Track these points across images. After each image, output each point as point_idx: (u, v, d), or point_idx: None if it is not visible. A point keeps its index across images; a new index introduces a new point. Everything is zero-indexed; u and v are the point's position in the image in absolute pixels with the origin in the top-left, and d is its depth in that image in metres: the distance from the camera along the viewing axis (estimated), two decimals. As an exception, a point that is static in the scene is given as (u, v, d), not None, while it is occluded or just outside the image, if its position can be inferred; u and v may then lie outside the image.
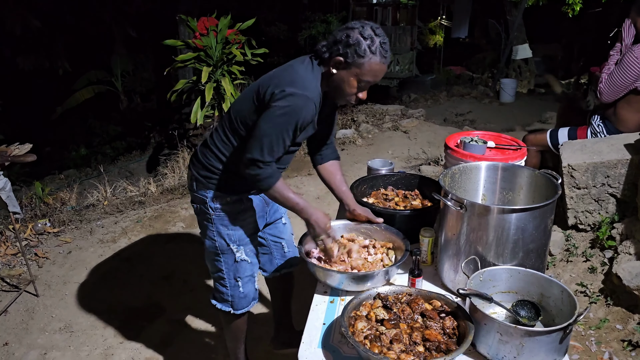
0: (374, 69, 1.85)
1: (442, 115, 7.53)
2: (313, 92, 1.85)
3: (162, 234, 4.01)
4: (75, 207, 4.52)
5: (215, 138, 2.08)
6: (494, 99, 8.61)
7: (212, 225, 2.11)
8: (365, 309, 1.80)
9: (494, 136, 2.61)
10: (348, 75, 1.87)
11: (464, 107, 7.96)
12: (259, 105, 1.90)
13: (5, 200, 2.90)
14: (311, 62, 1.92)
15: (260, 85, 1.92)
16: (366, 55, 1.81)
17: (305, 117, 1.84)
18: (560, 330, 1.56)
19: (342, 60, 1.84)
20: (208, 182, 2.06)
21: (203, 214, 2.12)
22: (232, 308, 2.25)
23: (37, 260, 3.69)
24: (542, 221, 1.84)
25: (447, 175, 2.11)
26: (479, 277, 1.83)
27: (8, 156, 2.84)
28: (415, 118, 6.68)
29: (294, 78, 1.85)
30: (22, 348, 2.90)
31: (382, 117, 6.84)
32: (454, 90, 9.10)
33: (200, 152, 2.12)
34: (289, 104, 1.79)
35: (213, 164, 2.05)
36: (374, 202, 2.45)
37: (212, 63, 5.74)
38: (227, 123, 2.05)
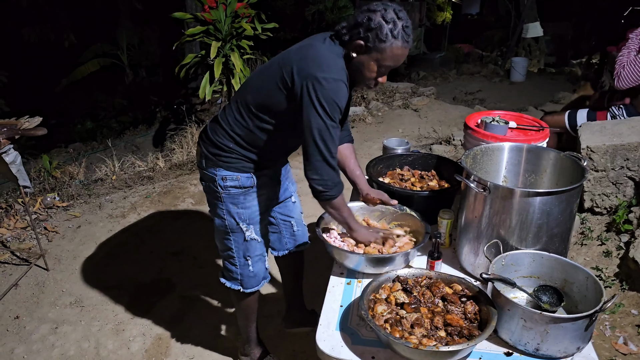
0: (396, 53, 1.78)
1: (451, 93, 7.44)
2: (340, 74, 1.79)
3: (171, 210, 3.98)
4: (84, 182, 4.48)
5: (228, 115, 2.02)
6: (505, 78, 8.49)
7: (221, 204, 2.08)
8: (384, 292, 1.77)
9: (515, 116, 2.55)
10: (368, 60, 1.80)
11: (474, 86, 7.85)
12: (288, 94, 1.83)
13: (16, 174, 2.86)
14: (332, 41, 1.85)
15: (282, 68, 1.84)
16: (388, 39, 1.74)
17: (343, 99, 1.79)
18: (587, 317, 1.53)
19: (362, 44, 1.77)
20: (218, 160, 2.01)
21: (212, 192, 2.08)
22: (241, 287, 2.24)
23: (47, 234, 3.68)
24: (567, 205, 1.80)
25: (469, 156, 2.05)
26: (501, 262, 1.79)
27: (18, 129, 2.79)
28: (425, 96, 6.59)
29: (319, 61, 1.78)
30: (33, 322, 2.90)
31: (392, 94, 6.75)
32: (464, 69, 8.97)
33: (210, 128, 2.06)
34: (327, 91, 1.73)
35: (224, 142, 2.00)
36: (389, 182, 2.41)
37: (221, 37, 5.64)
38: (242, 102, 1.98)
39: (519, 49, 9.93)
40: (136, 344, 2.71)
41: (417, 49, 11.30)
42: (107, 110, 10.27)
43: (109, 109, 10.29)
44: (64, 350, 2.69)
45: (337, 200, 1.90)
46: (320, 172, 1.82)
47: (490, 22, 12.54)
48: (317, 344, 1.67)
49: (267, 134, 1.97)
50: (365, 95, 6.61)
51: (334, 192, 1.87)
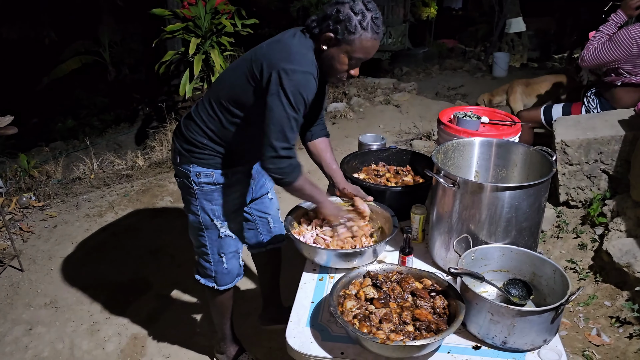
0: (365, 45, 1.77)
1: (434, 89, 7.46)
2: (310, 66, 1.79)
3: (150, 208, 3.95)
4: (62, 181, 4.43)
5: (200, 111, 2.00)
6: (487, 73, 8.54)
7: (195, 200, 2.07)
8: (354, 287, 1.77)
9: (488, 111, 2.56)
10: (338, 52, 1.80)
11: (457, 81, 7.88)
12: (256, 86, 1.83)
13: (-14, 174, 2.82)
14: (303, 35, 1.85)
15: (252, 62, 1.84)
16: (357, 31, 1.74)
17: (310, 92, 1.79)
18: (552, 310, 1.54)
19: (332, 36, 1.77)
20: (191, 157, 2.00)
21: (186, 188, 2.07)
22: (215, 284, 2.23)
23: (22, 234, 3.63)
24: (536, 199, 1.80)
25: (440, 151, 2.06)
26: (470, 256, 1.80)
27: (-12, 129, 2.76)
28: (407, 92, 6.60)
29: (289, 54, 1.78)
30: (6, 323, 2.86)
31: (374, 90, 6.75)
32: (446, 64, 9.01)
33: (184, 124, 2.05)
34: (293, 82, 1.73)
35: (197, 138, 1.99)
36: (364, 177, 2.41)
37: (201, 34, 5.60)
38: (214, 97, 1.97)
39: (502, 44, 9.99)
40: (112, 344, 2.69)
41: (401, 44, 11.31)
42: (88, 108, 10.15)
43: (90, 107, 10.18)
44: (37, 351, 2.66)
45: (298, 183, 1.89)
46: (275, 162, 1.81)
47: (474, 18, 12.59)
48: (286, 340, 1.66)
49: (239, 129, 1.96)
50: (346, 91, 6.61)
51: (291, 177, 1.86)
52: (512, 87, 4.69)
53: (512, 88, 4.67)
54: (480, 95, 5.14)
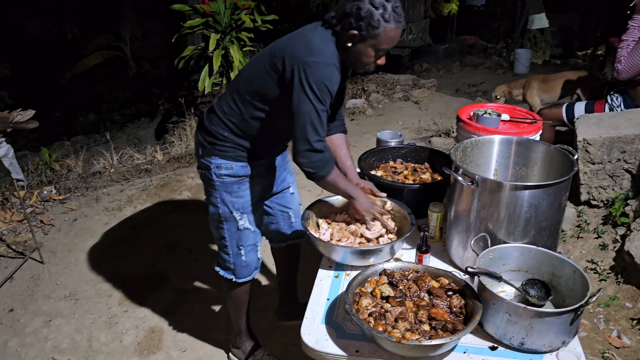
0: (390, 36, 1.78)
1: (454, 85, 7.38)
2: (332, 58, 1.79)
3: (168, 203, 3.98)
4: (82, 174, 4.49)
5: (222, 104, 2.03)
6: (508, 70, 8.42)
7: (215, 192, 2.08)
8: (370, 285, 1.76)
9: (509, 109, 2.52)
10: (365, 47, 1.81)
11: (477, 78, 7.79)
12: (279, 79, 1.84)
13: (8, 167, 2.87)
14: (323, 29, 1.85)
15: (273, 55, 1.85)
16: (380, 25, 1.74)
17: (334, 83, 1.79)
18: (571, 311, 1.51)
19: (356, 33, 1.77)
20: (213, 149, 2.02)
21: (207, 180, 2.09)
22: (234, 276, 2.24)
23: (43, 227, 3.68)
24: (556, 198, 1.77)
25: (459, 149, 2.04)
26: (488, 255, 1.78)
27: (10, 122, 2.79)
28: (426, 88, 6.54)
29: (311, 47, 1.78)
30: (27, 315, 2.91)
31: (393, 87, 6.71)
32: (467, 60, 8.90)
33: (206, 117, 2.08)
34: (317, 75, 1.74)
35: (218, 130, 2.01)
36: (382, 175, 2.39)
37: (221, 29, 5.62)
38: (235, 90, 1.99)
39: (524, 41, 9.84)
40: (129, 337, 2.71)
41: (422, 40, 11.23)
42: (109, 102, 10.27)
43: (111, 102, 10.30)
44: (56, 342, 2.70)
45: (330, 177, 1.90)
46: (307, 156, 1.82)
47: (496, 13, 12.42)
48: (301, 337, 1.66)
49: (260, 122, 1.97)
50: (365, 87, 6.58)
51: (324, 171, 1.87)
52: (529, 82, 4.62)
53: (529, 83, 4.60)
54: (497, 87, 5.04)
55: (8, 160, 2.84)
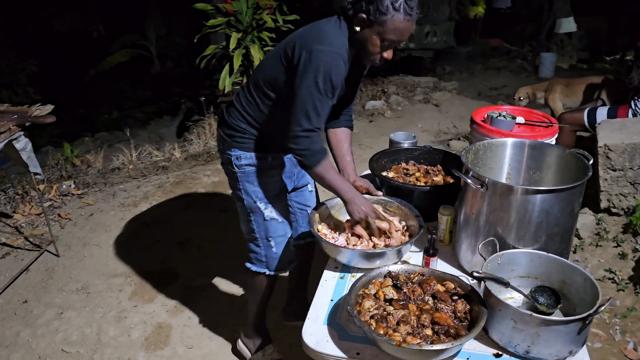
0: (398, 27, 1.75)
1: (476, 88, 7.29)
2: (340, 48, 1.78)
3: (182, 200, 4.01)
4: (101, 170, 4.54)
5: (241, 97, 2.06)
6: (532, 74, 8.28)
7: (239, 184, 2.10)
8: (374, 287, 1.74)
9: (525, 112, 2.46)
10: (371, 34, 1.79)
11: (500, 81, 7.68)
12: (287, 65, 1.85)
13: (26, 161, 2.90)
14: (338, 21, 1.86)
15: (287, 44, 1.88)
16: (389, 12, 1.72)
17: (338, 73, 1.78)
18: (580, 320, 1.47)
19: (364, 17, 1.76)
20: (232, 141, 2.05)
21: (231, 173, 2.11)
22: (267, 269, 2.23)
23: (60, 221, 3.74)
24: (569, 204, 1.72)
25: (471, 151, 2.00)
26: (496, 260, 1.74)
27: (28, 117, 2.83)
28: (447, 91, 6.47)
29: (321, 36, 1.80)
30: (40, 306, 2.95)
31: (414, 89, 6.65)
32: (490, 63, 8.79)
33: (226, 112, 2.11)
34: (320, 62, 1.74)
35: (237, 122, 2.04)
36: (393, 176, 2.37)
37: (242, 29, 5.64)
38: (252, 82, 2.02)
39: (550, 44, 9.68)
40: (137, 332, 2.73)
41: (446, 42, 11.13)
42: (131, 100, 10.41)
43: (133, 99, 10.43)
44: (66, 335, 2.73)
45: (318, 169, 1.87)
46: (298, 142, 1.81)
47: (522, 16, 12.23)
48: (302, 337, 1.64)
49: (273, 111, 1.98)
50: (385, 89, 6.54)
51: (311, 160, 1.85)
52: (552, 86, 4.52)
53: (552, 87, 4.50)
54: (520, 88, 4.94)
55: (26, 154, 2.88)
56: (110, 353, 2.60)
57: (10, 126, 2.73)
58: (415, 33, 11.27)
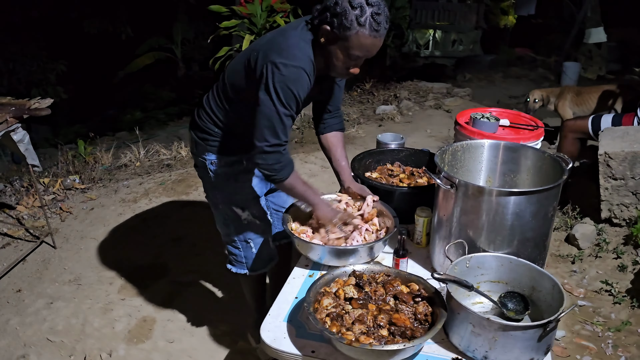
0: (363, 43, 1.67)
1: (495, 96, 7.18)
2: (303, 61, 1.71)
3: (182, 198, 4.03)
4: (108, 167, 4.62)
5: (211, 100, 2.02)
6: (554, 83, 8.11)
7: (214, 188, 2.09)
8: (336, 285, 1.71)
9: (512, 114, 2.40)
10: (335, 48, 1.72)
11: (520, 90, 7.54)
12: (249, 72, 1.80)
13: (24, 153, 2.97)
14: (305, 27, 1.78)
15: (251, 53, 1.82)
16: (353, 27, 1.64)
17: (301, 87, 1.72)
18: (539, 327, 1.42)
19: (328, 29, 1.69)
20: (206, 145, 2.01)
21: (205, 177, 2.09)
22: (247, 270, 2.23)
23: (61, 214, 3.80)
24: (541, 208, 1.67)
25: (447, 152, 1.95)
26: (465, 263, 1.69)
27: (26, 109, 2.90)
28: (459, 97, 6.38)
29: (283, 47, 1.72)
30: (32, 296, 3.00)
31: (426, 94, 6.58)
32: (511, 72, 8.65)
33: (197, 114, 2.07)
34: (282, 77, 1.68)
35: (209, 126, 2.00)
36: (377, 177, 2.33)
37: (256, 31, 5.67)
38: (220, 85, 1.99)
39: (578, 54, 9.47)
40: (121, 324, 2.75)
41: (471, 51, 11.02)
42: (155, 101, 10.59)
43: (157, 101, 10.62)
44: (53, 324, 2.77)
45: (288, 181, 1.84)
46: (264, 157, 1.77)
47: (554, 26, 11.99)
48: (260, 333, 1.63)
49: (241, 117, 1.95)
50: (397, 94, 6.49)
51: (281, 174, 1.81)
52: (562, 93, 4.40)
53: (562, 94, 4.38)
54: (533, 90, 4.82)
55: (24, 146, 2.94)
56: (92, 344, 2.63)
57: (7, 117, 2.79)
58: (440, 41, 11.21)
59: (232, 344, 2.62)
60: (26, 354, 2.58)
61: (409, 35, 10.71)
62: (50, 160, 5.15)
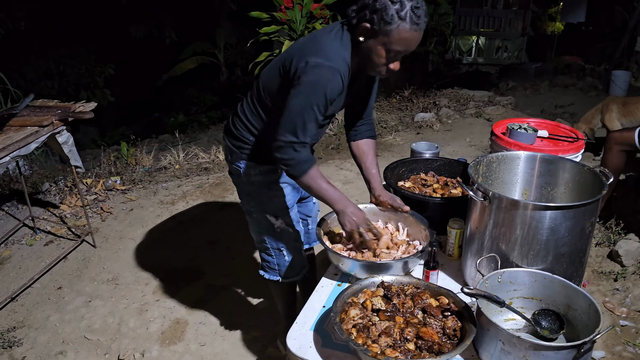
0: (404, 37, 1.66)
1: (540, 105, 6.98)
2: (338, 62, 1.71)
3: (218, 201, 4.09)
4: (149, 169, 4.72)
5: (245, 107, 2.02)
6: (602, 92, 7.84)
7: (248, 197, 2.09)
8: (364, 296, 1.69)
9: (551, 125, 2.33)
10: (376, 44, 1.70)
11: (567, 99, 7.31)
12: (284, 76, 1.80)
13: (68, 154, 3.07)
14: (341, 30, 1.78)
15: (286, 57, 1.82)
16: (394, 21, 1.63)
17: (333, 89, 1.71)
18: (573, 348, 1.36)
19: (368, 27, 1.68)
20: (241, 153, 2.02)
21: (240, 184, 2.10)
22: (280, 277, 2.23)
23: (101, 214, 3.91)
24: (578, 223, 1.61)
25: (482, 163, 1.91)
26: (497, 278, 1.65)
27: (70, 112, 2.99)
28: (501, 106, 6.24)
29: (318, 48, 1.73)
30: (72, 293, 3.09)
31: (467, 102, 6.46)
32: (558, 80, 8.40)
33: (231, 121, 2.07)
34: (315, 76, 1.68)
35: (243, 134, 2.00)
36: (410, 186, 2.30)
37: (295, 37, 5.71)
38: (255, 92, 1.98)
39: (630, 63, 9.15)
40: (155, 325, 2.80)
41: (517, 58, 10.80)
42: (198, 105, 10.80)
43: (200, 105, 10.83)
44: (90, 322, 2.84)
45: (305, 178, 1.81)
46: (282, 152, 1.76)
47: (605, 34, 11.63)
48: (286, 341, 1.63)
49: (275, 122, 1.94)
50: (437, 101, 6.40)
51: (296, 170, 1.79)
52: (608, 105, 4.23)
53: (608, 106, 4.22)
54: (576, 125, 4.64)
55: (68, 147, 3.04)
56: (127, 343, 2.69)
57: (53, 120, 2.89)
58: (484, 48, 11.03)
59: (262, 349, 2.63)
60: (64, 350, 2.66)
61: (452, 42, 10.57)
62: (95, 161, 5.31)
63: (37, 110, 3.06)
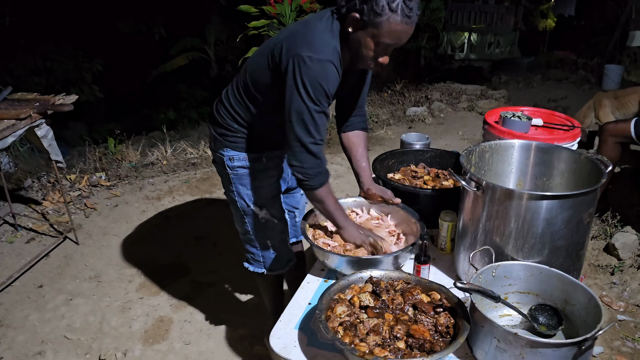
0: (394, 29, 1.58)
1: (532, 99, 6.94)
2: (330, 54, 1.63)
3: (206, 197, 4.01)
4: (135, 164, 4.62)
5: (230, 95, 1.95)
6: (595, 86, 7.81)
7: (232, 186, 2.03)
8: (351, 292, 1.61)
9: (545, 114, 2.26)
10: (365, 36, 1.62)
11: (559, 93, 7.28)
12: (274, 68, 1.72)
13: (47, 148, 2.97)
14: (331, 18, 1.70)
15: (275, 44, 1.73)
16: (384, 13, 1.55)
17: (330, 82, 1.64)
18: (573, 345, 1.29)
19: (358, 17, 1.60)
20: (225, 140, 1.96)
21: (223, 173, 2.03)
22: (265, 269, 2.17)
23: (85, 210, 3.81)
24: (575, 214, 1.53)
25: (474, 152, 1.83)
26: (491, 272, 1.57)
27: (50, 105, 2.89)
28: (494, 99, 6.18)
29: (309, 40, 1.64)
30: (52, 292, 3.00)
31: (459, 96, 6.40)
32: (550, 74, 8.37)
33: (215, 109, 2.01)
34: (310, 73, 1.60)
35: (228, 122, 1.94)
36: (400, 178, 2.22)
37: (285, 31, 5.63)
38: (241, 80, 1.91)
39: (622, 57, 9.13)
40: (138, 323, 2.71)
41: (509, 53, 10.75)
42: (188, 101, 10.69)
43: (190, 100, 10.72)
44: (71, 321, 2.75)
45: (320, 192, 1.76)
46: (299, 159, 1.70)
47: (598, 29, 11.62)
48: (269, 340, 1.54)
49: (261, 112, 1.88)
50: (429, 95, 6.33)
51: (314, 182, 1.73)
52: (599, 101, 4.15)
53: (600, 103, 4.14)
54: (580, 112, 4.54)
55: (47, 141, 2.94)
56: (108, 343, 2.60)
57: (31, 113, 2.79)
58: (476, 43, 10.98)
59: (249, 348, 2.55)
60: (43, 350, 2.57)
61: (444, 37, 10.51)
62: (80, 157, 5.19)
63: (15, 103, 2.96)
